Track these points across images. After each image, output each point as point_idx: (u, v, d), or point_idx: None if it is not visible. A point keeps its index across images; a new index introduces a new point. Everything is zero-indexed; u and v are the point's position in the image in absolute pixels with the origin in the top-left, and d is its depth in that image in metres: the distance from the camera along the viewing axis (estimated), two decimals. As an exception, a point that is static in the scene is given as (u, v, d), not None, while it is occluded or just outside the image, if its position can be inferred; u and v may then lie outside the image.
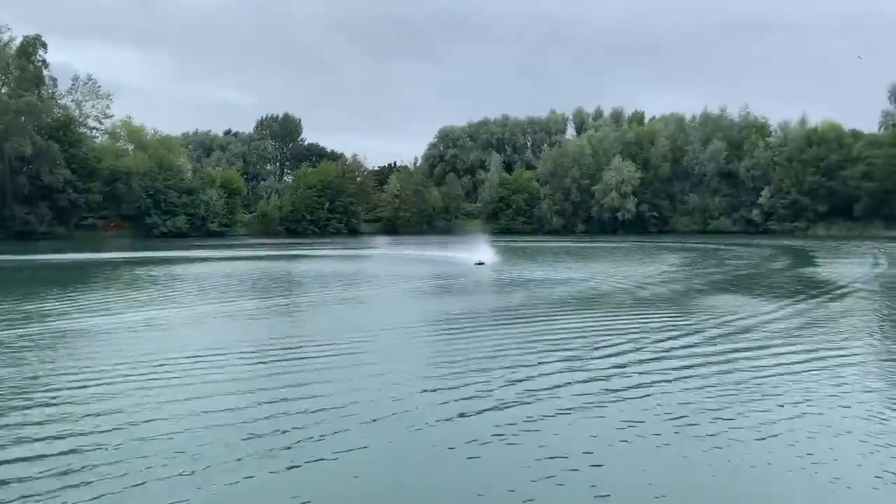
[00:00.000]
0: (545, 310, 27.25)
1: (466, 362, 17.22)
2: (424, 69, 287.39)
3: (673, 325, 23.04)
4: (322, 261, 60.26)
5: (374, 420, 12.47)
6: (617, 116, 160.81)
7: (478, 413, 12.99)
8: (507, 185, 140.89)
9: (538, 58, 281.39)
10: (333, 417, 12.65)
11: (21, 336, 21.48)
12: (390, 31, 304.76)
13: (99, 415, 12.95)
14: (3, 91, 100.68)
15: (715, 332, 21.74)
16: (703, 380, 15.47)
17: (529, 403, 13.60)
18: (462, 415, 12.89)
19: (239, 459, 10.62)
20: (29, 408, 13.54)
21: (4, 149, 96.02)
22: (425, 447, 11.29)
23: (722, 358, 17.76)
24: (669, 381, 15.29)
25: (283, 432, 11.86)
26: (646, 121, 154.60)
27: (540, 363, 17.14)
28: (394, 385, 14.86)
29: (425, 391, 14.45)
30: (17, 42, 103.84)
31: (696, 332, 21.71)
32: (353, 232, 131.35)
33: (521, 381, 15.35)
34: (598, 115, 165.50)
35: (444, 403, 13.61)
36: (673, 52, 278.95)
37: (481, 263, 48.77)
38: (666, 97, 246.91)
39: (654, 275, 42.49)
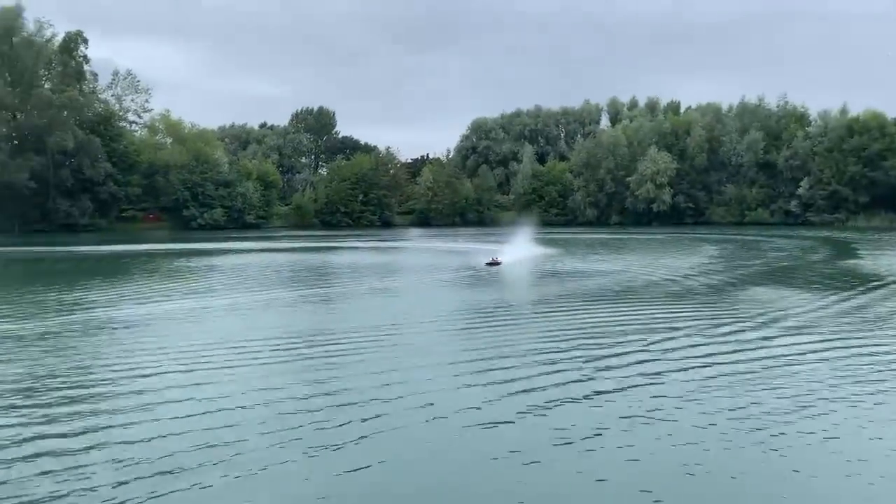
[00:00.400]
0: (582, 302, 27.11)
1: (503, 355, 17.23)
2: (457, 60, 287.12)
3: (715, 318, 22.76)
4: (356, 252, 60.67)
5: (411, 415, 12.54)
6: (652, 106, 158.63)
7: (514, 409, 12.99)
8: (540, 177, 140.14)
9: (572, 47, 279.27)
10: (370, 410, 12.74)
11: (66, 324, 22.05)
12: (423, 23, 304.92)
13: (138, 402, 13.25)
14: (46, 86, 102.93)
15: (757, 324, 21.42)
16: (746, 374, 15.28)
17: (566, 399, 13.57)
18: (498, 408, 12.90)
19: (276, 448, 10.79)
20: (73, 395, 13.90)
21: (48, 143, 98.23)
22: (460, 443, 11.33)
23: (765, 352, 17.51)
24: (714, 377, 15.12)
25: (321, 423, 12.00)
26: (682, 111, 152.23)
27: (577, 356, 17.07)
28: (427, 379, 14.91)
29: (460, 385, 14.47)
30: (60, 38, 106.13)
31: (739, 324, 21.41)
32: (386, 224, 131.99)
33: (556, 375, 15.31)
34: (633, 104, 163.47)
35: (479, 396, 13.64)
36: (709, 41, 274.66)
37: (495, 263, 40.63)
38: (702, 87, 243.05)
39: (693, 266, 41.98)
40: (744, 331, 20.27)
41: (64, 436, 11.34)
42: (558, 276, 37.62)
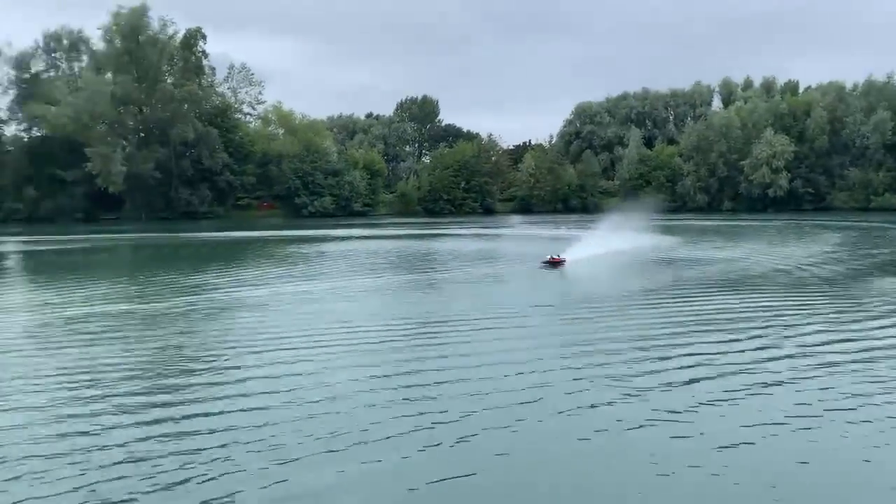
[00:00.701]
0: (696, 290, 26.23)
1: (610, 346, 16.95)
2: (559, 44, 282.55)
3: (840, 310, 21.53)
4: (459, 239, 61.08)
5: (517, 403, 12.53)
6: (768, 86, 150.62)
7: (622, 398, 12.76)
8: (648, 162, 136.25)
9: (681, 27, 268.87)
10: (476, 396, 12.82)
11: (190, 305, 23.42)
12: (526, 8, 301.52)
13: (252, 381, 13.90)
14: (168, 81, 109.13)
15: (887, 318, 20.09)
16: (873, 372, 14.39)
17: (678, 390, 13.21)
18: (604, 400, 12.71)
19: (394, 433, 11.06)
20: (197, 371, 14.76)
21: (170, 135, 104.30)
22: (564, 433, 11.24)
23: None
24: (841, 372, 14.34)
25: (425, 407, 12.22)
26: (800, 91, 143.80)
27: (691, 348, 16.57)
28: (534, 367, 14.82)
29: (567, 376, 14.30)
30: (181, 35, 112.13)
31: (867, 317, 20.16)
32: (488, 211, 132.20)
33: (667, 365, 14.92)
34: (748, 85, 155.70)
35: (584, 389, 13.48)
36: (828, 17, 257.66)
37: (557, 262, 33.80)
38: (821, 65, 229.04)
39: (815, 255, 39.70)
40: (882, 325, 19.05)
41: (186, 408, 12.08)
42: (673, 264, 36.53)
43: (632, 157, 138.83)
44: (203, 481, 9.12)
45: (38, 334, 18.98)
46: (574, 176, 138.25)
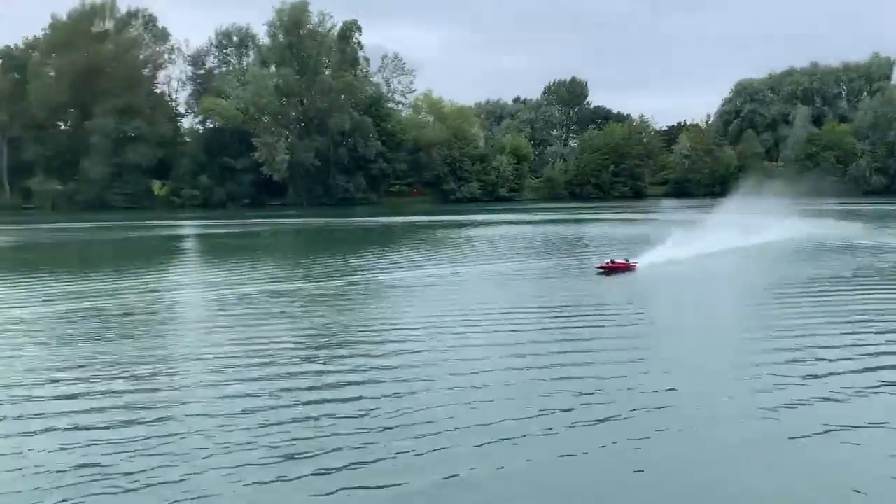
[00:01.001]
0: (869, 283, 24.42)
1: (774, 341, 16.27)
2: (717, 20, 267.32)
3: None
4: (608, 224, 59.94)
5: (667, 405, 12.38)
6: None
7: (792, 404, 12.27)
8: (816, 141, 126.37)
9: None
10: (618, 393, 12.77)
11: (348, 285, 24.91)
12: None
13: (401, 357, 14.66)
14: (326, 73, 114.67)
15: None
16: None
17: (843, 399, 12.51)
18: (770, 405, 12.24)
19: (533, 420, 11.35)
20: (353, 346, 15.77)
21: (328, 125, 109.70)
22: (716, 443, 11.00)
23: None
24: None
25: (561, 404, 12.36)
26: None
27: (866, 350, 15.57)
28: (711, 368, 14.51)
29: (726, 375, 13.92)
30: (338, 28, 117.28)
31: None
32: (638, 195, 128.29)
33: (829, 367, 14.14)
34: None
35: (741, 393, 13.08)
36: None
37: (616, 268, 27.51)
38: None
39: None
40: None
41: (344, 380, 13.01)
42: (853, 252, 34.06)
43: (798, 136, 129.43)
44: (366, 462, 9.84)
45: (216, 310, 20.97)
46: (734, 157, 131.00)
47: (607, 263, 27.51)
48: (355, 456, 9.52)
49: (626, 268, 27.51)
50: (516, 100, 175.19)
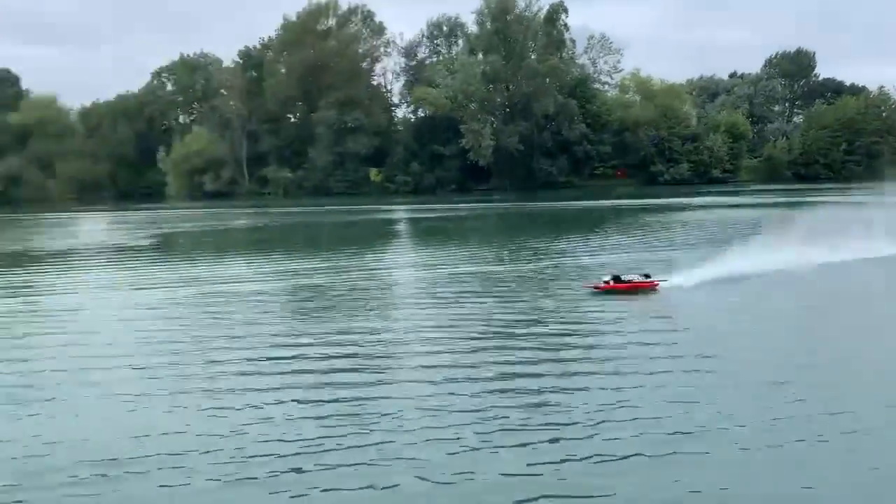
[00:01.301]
0: None
1: None
2: None
3: None
4: (843, 207, 54.22)
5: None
6: None
7: None
8: None
9: None
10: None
11: (551, 268, 25.13)
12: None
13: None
14: (532, 57, 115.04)
15: None
16: None
17: None
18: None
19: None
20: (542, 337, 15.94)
21: (533, 109, 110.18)
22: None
23: None
24: None
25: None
26: None
27: None
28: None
29: None
30: (544, 11, 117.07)
31: None
32: (876, 176, 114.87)
33: None
34: None
35: None
36: None
37: (652, 285, 21.75)
38: None
39: None
40: None
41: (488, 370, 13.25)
42: None
43: None
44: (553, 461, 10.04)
45: (426, 288, 22.20)
46: None
47: (609, 279, 20.87)
48: (557, 433, 9.76)
49: (651, 283, 21.51)
50: (732, 75, 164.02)
